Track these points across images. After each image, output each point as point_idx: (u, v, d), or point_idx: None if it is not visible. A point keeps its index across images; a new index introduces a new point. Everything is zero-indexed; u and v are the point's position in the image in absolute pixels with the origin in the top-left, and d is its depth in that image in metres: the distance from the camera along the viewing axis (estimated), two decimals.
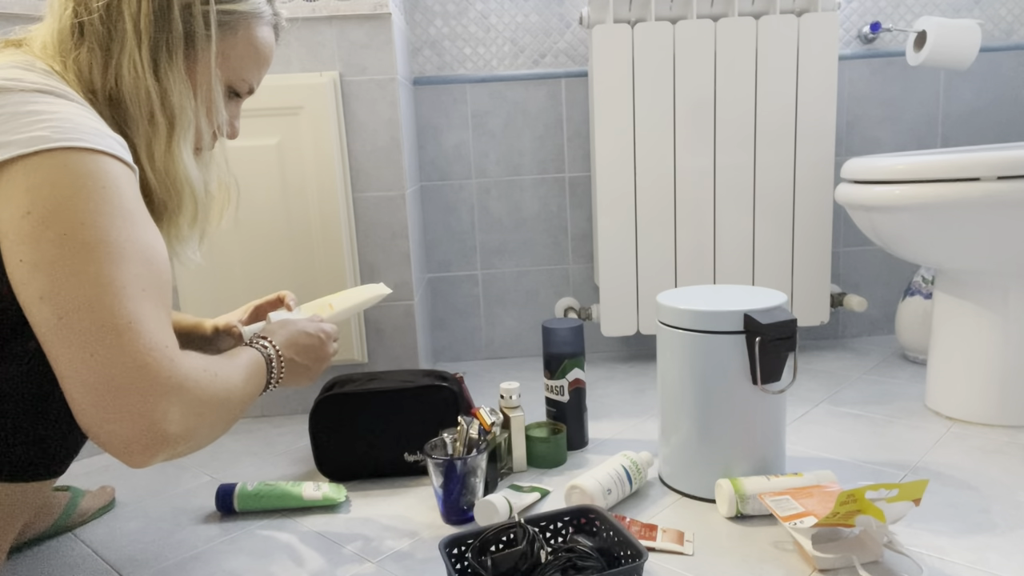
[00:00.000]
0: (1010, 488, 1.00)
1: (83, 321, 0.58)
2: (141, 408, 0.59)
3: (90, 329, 0.58)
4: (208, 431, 0.66)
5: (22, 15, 1.17)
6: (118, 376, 0.58)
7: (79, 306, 0.58)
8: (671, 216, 1.55)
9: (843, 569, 0.83)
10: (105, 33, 0.70)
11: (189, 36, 0.73)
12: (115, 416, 0.59)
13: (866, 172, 1.21)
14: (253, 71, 0.81)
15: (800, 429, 1.25)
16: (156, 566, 0.92)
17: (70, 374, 0.58)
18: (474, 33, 1.66)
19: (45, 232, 0.58)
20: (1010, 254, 1.14)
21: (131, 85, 0.71)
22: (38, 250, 0.58)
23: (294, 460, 1.24)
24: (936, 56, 1.48)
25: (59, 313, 0.58)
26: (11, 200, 0.59)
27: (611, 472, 1.01)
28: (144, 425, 0.59)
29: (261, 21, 0.79)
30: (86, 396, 0.58)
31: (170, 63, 0.72)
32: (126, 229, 0.62)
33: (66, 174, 0.60)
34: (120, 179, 0.63)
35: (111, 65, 0.70)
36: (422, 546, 0.93)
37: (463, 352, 1.81)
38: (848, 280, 1.79)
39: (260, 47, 0.80)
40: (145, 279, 0.62)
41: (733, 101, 1.50)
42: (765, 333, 0.93)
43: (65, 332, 0.58)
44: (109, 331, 0.58)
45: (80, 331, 0.58)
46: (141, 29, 0.70)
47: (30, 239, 0.58)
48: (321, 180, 1.36)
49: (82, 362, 0.58)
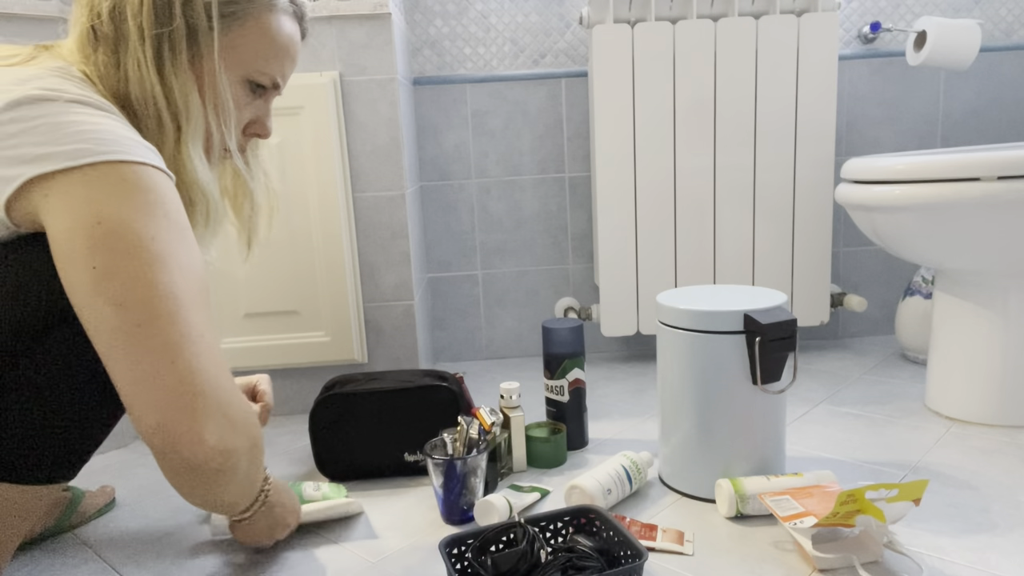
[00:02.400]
0: (1010, 488, 1.00)
1: (166, 331, 0.61)
2: (214, 415, 0.64)
3: (173, 340, 0.62)
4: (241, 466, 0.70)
5: (22, 15, 1.16)
6: (199, 383, 0.63)
7: (159, 315, 0.61)
8: (671, 216, 1.55)
9: (843, 569, 0.83)
10: (113, 35, 0.70)
11: (192, 31, 0.72)
12: (190, 421, 0.62)
13: (866, 172, 1.21)
14: (272, 62, 0.78)
15: (800, 429, 1.25)
16: (156, 566, 0.92)
17: (145, 379, 0.61)
18: (474, 33, 1.66)
19: (118, 242, 0.61)
20: (1010, 254, 1.14)
21: (137, 85, 0.71)
22: (112, 259, 0.61)
23: (294, 460, 1.24)
24: (936, 56, 1.48)
25: (137, 320, 0.61)
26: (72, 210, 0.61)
27: (611, 472, 1.01)
28: (217, 431, 0.64)
29: (275, 9, 0.77)
30: (164, 399, 0.61)
31: (174, 60, 0.71)
32: (184, 242, 0.65)
33: (128, 188, 0.62)
34: (168, 190, 0.66)
35: (120, 67, 0.71)
36: (422, 546, 0.93)
37: (463, 352, 1.81)
38: (848, 280, 1.79)
39: (276, 36, 0.77)
40: (204, 291, 0.66)
41: (733, 101, 1.50)
42: (765, 333, 0.93)
43: (144, 339, 0.61)
44: (190, 342, 0.62)
45: (163, 340, 0.61)
46: (143, 27, 0.70)
47: (103, 247, 0.61)
48: (321, 180, 1.36)
49: (164, 369, 0.61)
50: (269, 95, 0.82)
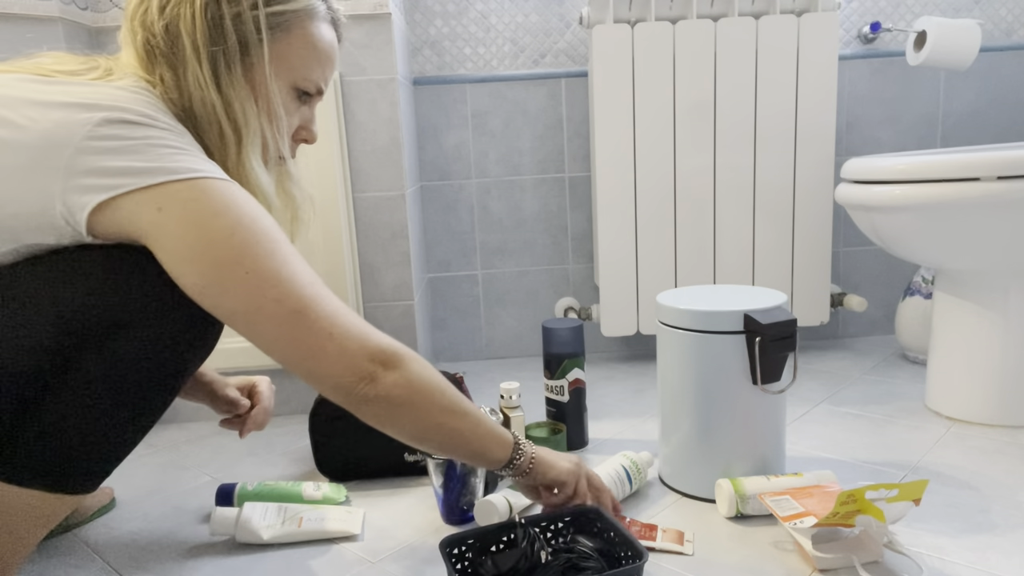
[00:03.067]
0: (1010, 488, 1.00)
1: (319, 309, 0.69)
2: (372, 359, 0.71)
3: (327, 314, 0.69)
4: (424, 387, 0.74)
5: (22, 15, 1.16)
6: (355, 345, 0.70)
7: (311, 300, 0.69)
8: (671, 216, 1.55)
9: (843, 569, 0.83)
10: (171, 54, 0.73)
11: (243, 44, 0.74)
12: (359, 372, 0.71)
13: (866, 172, 1.21)
14: (316, 69, 0.80)
15: (800, 429, 1.25)
16: (156, 566, 0.92)
17: (315, 354, 0.69)
18: (474, 33, 1.66)
19: (258, 247, 0.67)
20: (1010, 254, 1.14)
21: (199, 101, 0.73)
22: (257, 263, 0.67)
23: (294, 460, 1.24)
24: (936, 56, 1.48)
25: (296, 308, 0.68)
26: (194, 222, 0.65)
27: (611, 472, 1.01)
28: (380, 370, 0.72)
29: (316, 17, 0.79)
30: (339, 365, 0.70)
31: (230, 74, 0.74)
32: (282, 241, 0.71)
33: (244, 200, 0.68)
34: (256, 204, 0.71)
35: (181, 84, 0.73)
36: (422, 546, 0.93)
37: (463, 352, 1.81)
38: (848, 280, 1.79)
39: (318, 43, 0.79)
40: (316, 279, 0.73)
41: (733, 101, 1.50)
42: (765, 333, 0.93)
43: (305, 322, 0.68)
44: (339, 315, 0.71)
45: (319, 318, 0.69)
46: (199, 45, 0.72)
47: (249, 254, 0.66)
48: (321, 180, 1.36)
49: (325, 341, 0.69)
50: (313, 101, 0.84)
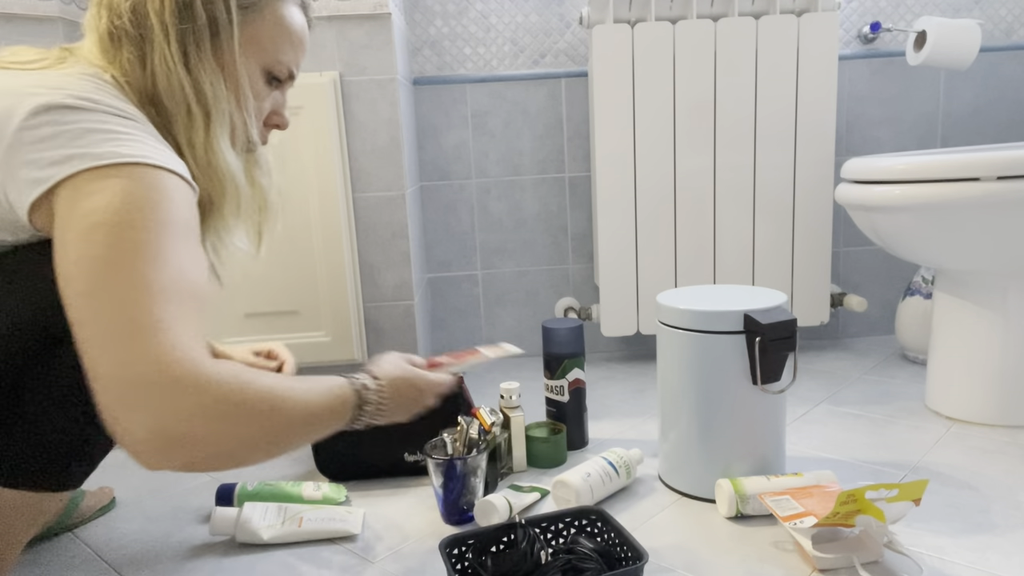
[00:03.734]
0: (1010, 488, 1.00)
1: (116, 316, 0.58)
2: (158, 404, 0.58)
3: (121, 325, 0.58)
4: (239, 443, 0.63)
5: (22, 15, 1.16)
6: (141, 372, 0.58)
7: (116, 302, 0.59)
8: (671, 216, 1.55)
9: (843, 569, 0.83)
10: (137, 35, 0.72)
11: (213, 25, 0.73)
12: (132, 411, 0.58)
13: (866, 172, 1.21)
14: (288, 52, 0.80)
15: (800, 429, 1.25)
16: (156, 566, 0.92)
17: (92, 370, 0.59)
18: (474, 33, 1.66)
19: (96, 233, 0.60)
20: (1010, 254, 1.14)
21: (165, 81, 0.72)
22: (89, 250, 0.60)
23: (294, 460, 1.24)
24: (936, 56, 1.48)
25: (96, 308, 0.59)
26: (72, 204, 0.61)
27: (596, 467, 1.02)
28: (158, 422, 0.58)
29: (285, 1, 0.79)
30: (109, 390, 0.58)
31: (199, 54, 0.73)
32: (174, 239, 0.63)
33: (129, 183, 0.62)
34: (177, 193, 0.65)
35: (147, 65, 0.72)
36: (422, 546, 0.93)
37: None
38: (848, 280, 1.79)
39: (289, 26, 0.79)
40: (185, 286, 0.62)
41: (733, 101, 1.50)
42: (765, 333, 0.93)
43: (97, 327, 0.59)
44: (138, 328, 0.58)
45: (111, 326, 0.58)
46: (167, 24, 0.71)
47: (85, 239, 0.60)
48: (321, 180, 1.36)
49: (110, 357, 0.58)
50: (284, 87, 0.84)
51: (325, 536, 0.96)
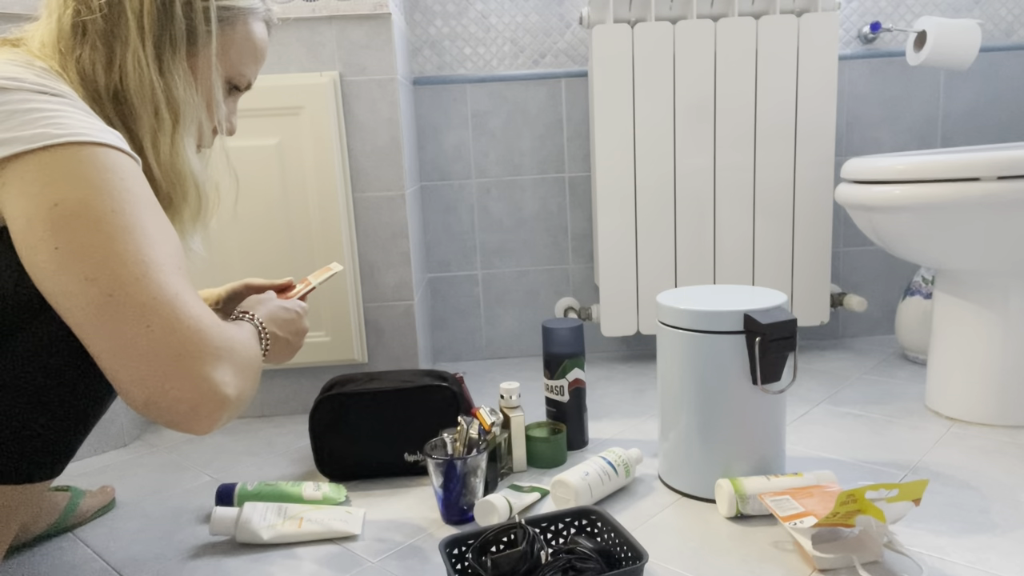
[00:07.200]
0: (1010, 488, 1.00)
1: (137, 295, 0.60)
2: (203, 371, 0.62)
3: (145, 302, 0.60)
4: (250, 394, 0.69)
5: (22, 15, 1.16)
6: (178, 343, 0.61)
7: (129, 282, 0.60)
8: (671, 216, 1.55)
9: (843, 569, 0.83)
10: (108, 31, 0.71)
11: (191, 32, 0.74)
12: (179, 383, 0.61)
13: (866, 172, 1.21)
14: (251, 65, 0.83)
15: (800, 429, 1.25)
16: (156, 566, 0.92)
17: (123, 350, 0.60)
18: (474, 33, 1.66)
19: (78, 220, 0.60)
20: (1010, 254, 1.14)
21: (136, 81, 0.72)
22: (75, 237, 0.60)
23: (294, 460, 1.24)
24: (936, 56, 1.48)
25: (108, 291, 0.60)
26: (28, 194, 0.60)
27: (594, 466, 1.02)
28: (208, 387, 0.62)
29: (256, 16, 0.81)
30: (145, 368, 0.60)
31: (174, 59, 0.74)
32: (150, 214, 0.64)
33: (85, 167, 0.61)
34: (130, 169, 0.65)
35: (115, 62, 0.72)
36: (422, 546, 0.93)
37: (463, 352, 1.81)
38: (848, 280, 1.79)
39: (256, 41, 0.82)
40: (176, 258, 0.65)
41: (733, 101, 1.50)
42: (765, 333, 0.93)
43: (117, 308, 0.60)
44: (163, 303, 0.61)
45: (135, 304, 0.60)
46: (144, 26, 0.71)
47: (64, 227, 0.60)
48: (321, 180, 1.36)
49: (139, 335, 0.60)
50: (238, 95, 0.86)
51: (325, 536, 0.96)
